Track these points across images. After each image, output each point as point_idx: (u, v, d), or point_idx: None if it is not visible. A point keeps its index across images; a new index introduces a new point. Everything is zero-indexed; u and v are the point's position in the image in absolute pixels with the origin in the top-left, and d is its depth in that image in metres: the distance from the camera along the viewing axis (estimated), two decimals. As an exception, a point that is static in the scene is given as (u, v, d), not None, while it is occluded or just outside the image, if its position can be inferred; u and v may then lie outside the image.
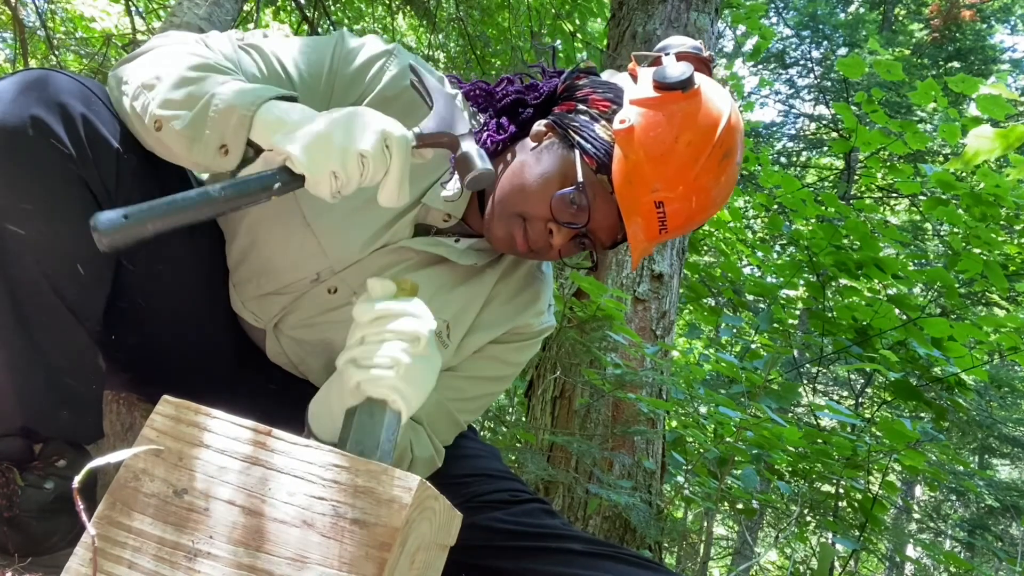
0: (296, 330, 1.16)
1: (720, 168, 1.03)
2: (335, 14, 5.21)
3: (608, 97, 1.07)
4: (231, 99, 0.89)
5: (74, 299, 0.98)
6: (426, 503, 0.72)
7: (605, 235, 1.09)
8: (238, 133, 0.88)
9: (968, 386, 3.54)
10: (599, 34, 5.76)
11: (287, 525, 0.69)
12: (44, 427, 1.02)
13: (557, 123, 1.09)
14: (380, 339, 0.84)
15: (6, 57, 5.65)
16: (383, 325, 0.85)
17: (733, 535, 7.25)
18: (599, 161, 1.03)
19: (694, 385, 2.96)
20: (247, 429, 0.74)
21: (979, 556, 8.22)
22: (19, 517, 0.98)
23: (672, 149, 1.00)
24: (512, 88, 1.17)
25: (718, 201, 1.07)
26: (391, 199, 0.92)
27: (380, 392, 0.82)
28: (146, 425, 0.76)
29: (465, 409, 1.22)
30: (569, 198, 1.03)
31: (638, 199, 1.02)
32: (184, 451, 0.74)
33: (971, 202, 3.21)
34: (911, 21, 11.42)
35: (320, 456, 0.72)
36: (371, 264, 1.12)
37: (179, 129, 0.90)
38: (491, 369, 1.23)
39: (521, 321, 1.23)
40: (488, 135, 1.12)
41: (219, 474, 0.72)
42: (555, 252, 1.09)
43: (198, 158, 0.91)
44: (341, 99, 1.09)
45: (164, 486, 0.72)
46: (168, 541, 0.70)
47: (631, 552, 1.14)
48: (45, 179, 0.91)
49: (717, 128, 1.01)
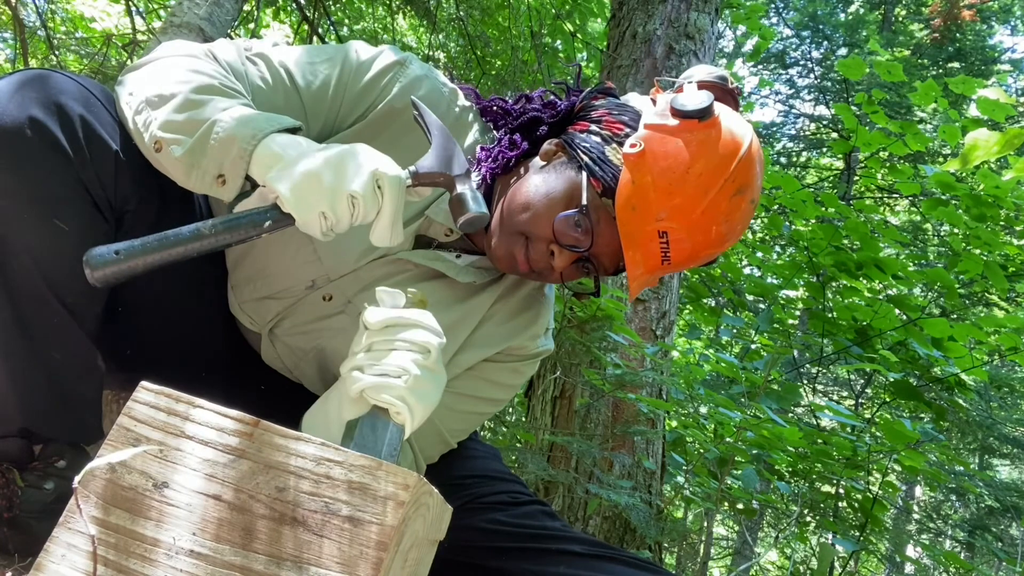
0: (291, 336, 1.15)
1: (731, 204, 0.99)
2: (335, 14, 5.21)
3: (623, 120, 1.05)
4: (232, 130, 0.88)
5: (73, 300, 0.98)
6: (421, 499, 0.69)
7: (608, 260, 1.07)
8: (236, 166, 0.88)
9: (968, 386, 3.54)
10: (599, 34, 5.76)
11: (276, 522, 0.66)
12: (44, 428, 1.02)
13: (567, 143, 1.07)
14: (390, 347, 0.82)
15: (6, 57, 5.65)
16: (393, 334, 0.83)
17: (733, 535, 7.25)
18: (605, 184, 1.01)
19: (694, 385, 2.96)
20: (233, 420, 0.70)
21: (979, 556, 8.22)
22: (19, 517, 0.98)
23: (682, 179, 0.96)
24: (530, 106, 1.15)
25: (728, 238, 1.03)
26: (383, 239, 0.91)
27: (386, 401, 0.80)
28: (123, 413, 0.71)
29: (453, 427, 1.19)
30: (573, 220, 1.01)
31: (640, 226, 0.98)
32: (165, 442, 0.69)
33: (971, 203, 3.21)
34: (911, 21, 11.41)
35: (312, 450, 0.69)
36: (367, 274, 1.10)
37: (178, 155, 0.90)
38: (483, 389, 1.21)
39: (516, 342, 1.21)
40: (500, 151, 1.11)
41: (203, 467, 0.68)
42: (556, 275, 1.07)
43: (195, 186, 0.91)
44: (351, 110, 1.08)
45: (142, 479, 0.68)
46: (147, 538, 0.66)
47: (631, 554, 1.14)
48: (43, 180, 0.90)
49: (732, 162, 0.97)
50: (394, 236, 0.91)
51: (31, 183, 0.89)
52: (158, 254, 0.79)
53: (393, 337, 0.82)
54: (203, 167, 0.89)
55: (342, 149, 0.89)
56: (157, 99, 0.93)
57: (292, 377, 1.21)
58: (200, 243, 0.82)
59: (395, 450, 0.81)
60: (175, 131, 0.90)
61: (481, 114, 1.18)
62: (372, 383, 0.80)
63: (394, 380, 0.80)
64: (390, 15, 5.44)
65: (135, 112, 0.94)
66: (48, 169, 0.90)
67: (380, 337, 0.83)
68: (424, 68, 1.13)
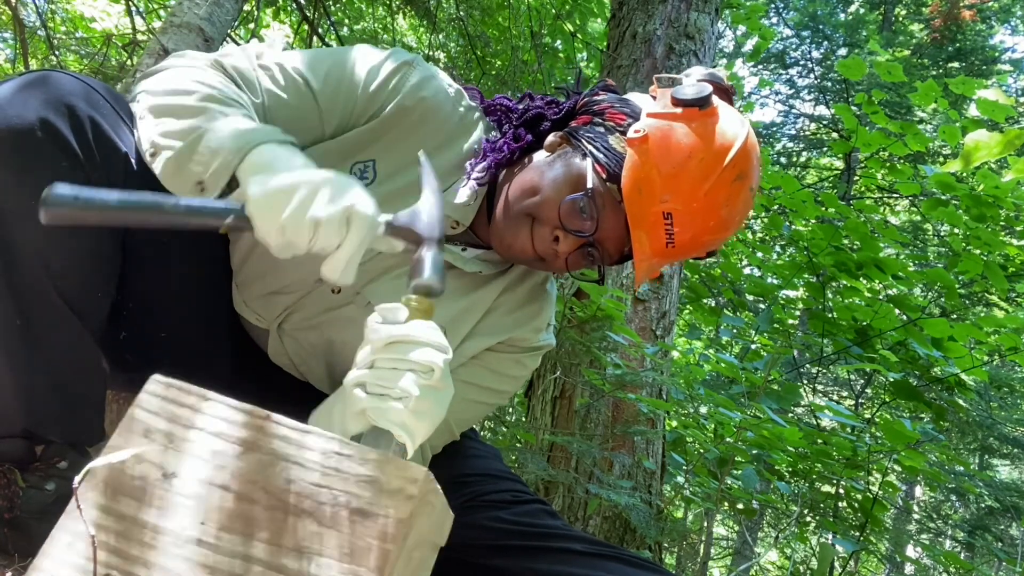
0: (299, 330, 1.16)
1: (732, 189, 1.02)
2: (335, 14, 5.21)
3: (625, 112, 1.08)
4: (222, 141, 0.89)
5: (78, 301, 0.98)
6: (428, 496, 0.69)
7: (613, 246, 1.08)
8: (219, 175, 0.89)
9: (968, 386, 3.54)
10: (599, 34, 5.77)
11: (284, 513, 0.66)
12: (46, 429, 1.02)
13: (571, 134, 1.09)
14: (392, 367, 0.80)
15: (6, 57, 5.65)
16: (397, 352, 0.81)
17: (733, 535, 7.26)
18: (610, 171, 1.03)
19: (694, 385, 2.96)
20: (244, 413, 0.71)
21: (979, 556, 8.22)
22: (20, 518, 0.98)
23: (684, 164, 1.00)
24: (534, 104, 1.17)
25: (729, 224, 1.05)
26: (333, 273, 0.86)
27: (386, 425, 0.79)
28: (134, 404, 0.72)
29: (459, 415, 1.20)
30: (579, 204, 1.03)
31: (646, 208, 1.01)
32: (175, 433, 0.70)
33: (971, 203, 3.21)
34: (911, 21, 11.42)
35: (322, 443, 0.69)
36: (375, 265, 1.11)
37: (166, 159, 0.91)
38: (487, 379, 1.22)
39: (519, 333, 1.22)
40: (505, 142, 1.13)
41: (213, 458, 0.68)
42: (561, 261, 1.08)
43: (176, 189, 0.92)
44: (364, 110, 1.10)
45: (152, 468, 0.68)
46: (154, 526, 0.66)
47: (631, 553, 1.14)
48: (53, 181, 0.90)
49: (731, 149, 1.01)
50: (345, 275, 0.87)
51: (41, 184, 0.90)
52: (114, 212, 0.78)
53: (396, 356, 0.81)
54: (185, 173, 0.90)
55: (331, 175, 0.87)
56: (161, 109, 0.95)
57: (298, 374, 1.21)
58: (158, 215, 0.81)
59: None
60: (170, 137, 0.92)
61: (485, 113, 1.19)
62: (373, 406, 0.79)
63: (395, 404, 0.79)
64: (390, 15, 5.44)
65: (139, 118, 0.97)
66: (58, 170, 0.90)
67: (384, 355, 0.81)
68: (429, 69, 1.15)
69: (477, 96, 1.20)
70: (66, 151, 0.90)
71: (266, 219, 0.83)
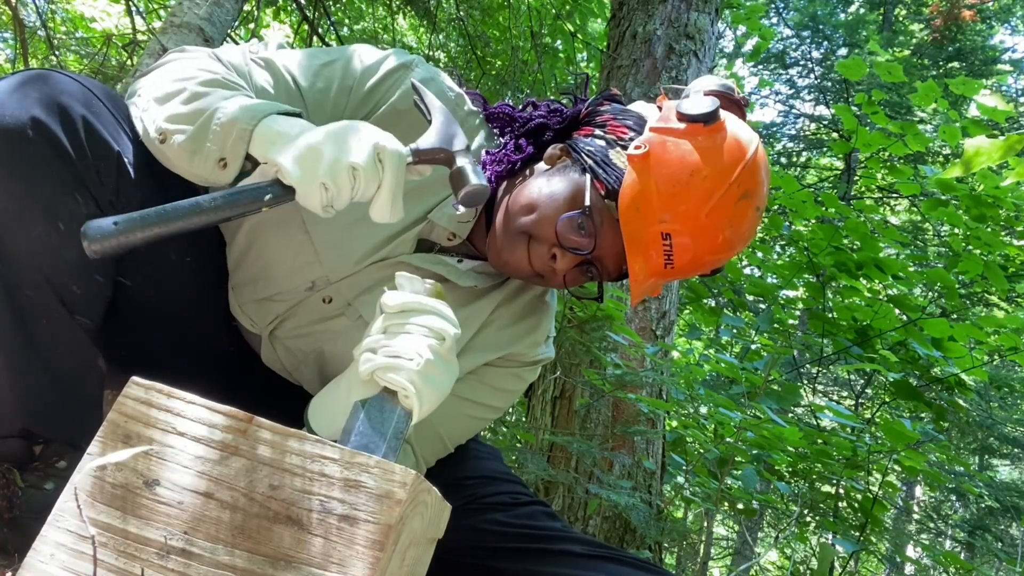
0: (291, 338, 1.15)
1: (736, 209, 0.98)
2: (335, 14, 5.21)
3: (628, 124, 1.05)
4: (234, 114, 0.89)
5: (74, 301, 0.98)
6: (419, 497, 0.68)
7: (612, 263, 1.06)
8: (237, 147, 0.89)
9: (968, 386, 3.54)
10: (599, 34, 5.76)
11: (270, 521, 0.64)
12: (44, 429, 1.02)
13: (572, 147, 1.07)
14: (405, 331, 0.82)
15: (6, 57, 5.66)
16: (410, 317, 0.83)
17: (733, 535, 7.25)
18: (609, 186, 1.01)
19: (694, 385, 2.96)
20: (226, 416, 0.69)
21: (979, 556, 8.21)
22: (19, 518, 0.98)
23: (686, 182, 0.96)
24: (536, 112, 1.15)
25: (734, 244, 1.02)
26: (383, 215, 0.90)
27: (396, 382, 0.79)
28: (113, 409, 0.70)
29: (453, 431, 1.19)
30: (576, 222, 1.01)
31: (644, 228, 0.98)
32: (156, 438, 0.68)
33: (971, 203, 3.21)
34: (911, 21, 11.42)
35: (306, 447, 0.67)
36: (367, 277, 1.10)
37: (181, 142, 0.90)
38: (484, 394, 1.20)
39: (516, 349, 1.20)
40: (505, 154, 1.11)
41: (195, 464, 0.66)
42: (559, 279, 1.07)
43: (198, 170, 0.91)
44: (354, 113, 1.08)
45: (133, 476, 0.66)
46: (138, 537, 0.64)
47: (631, 555, 1.14)
48: (45, 181, 0.90)
49: (737, 167, 0.97)
50: (394, 212, 0.90)
51: (32, 183, 0.90)
52: (156, 227, 0.79)
53: (409, 321, 0.82)
54: (205, 152, 0.89)
55: (344, 124, 0.90)
56: (164, 96, 0.94)
57: (291, 379, 1.21)
58: (199, 217, 0.81)
59: (401, 434, 0.79)
60: (179, 121, 0.91)
61: (487, 120, 1.18)
62: (383, 363, 0.80)
63: (406, 362, 0.79)
64: (390, 15, 5.44)
65: (142, 110, 0.96)
66: (50, 169, 0.90)
67: (396, 320, 0.83)
68: (430, 71, 1.13)
69: (480, 101, 1.18)
70: (57, 149, 0.90)
71: (305, 180, 0.84)
